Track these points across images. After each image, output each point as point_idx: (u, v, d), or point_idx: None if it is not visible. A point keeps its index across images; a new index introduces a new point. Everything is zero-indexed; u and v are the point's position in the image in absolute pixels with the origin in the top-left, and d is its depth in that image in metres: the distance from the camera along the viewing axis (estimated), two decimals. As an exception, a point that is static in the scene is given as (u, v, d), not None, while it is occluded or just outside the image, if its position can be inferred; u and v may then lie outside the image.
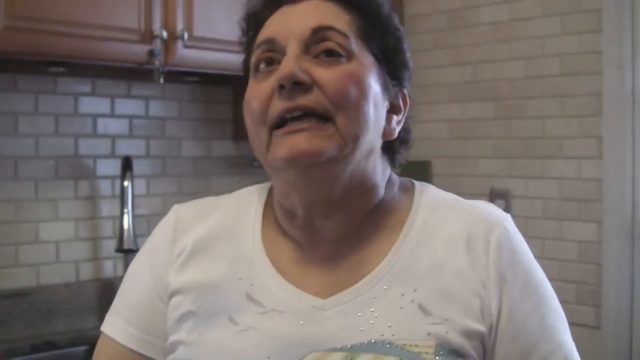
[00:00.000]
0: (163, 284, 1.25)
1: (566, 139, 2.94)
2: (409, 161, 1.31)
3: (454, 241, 1.18)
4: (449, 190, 1.28)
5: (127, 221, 2.69)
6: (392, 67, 1.22)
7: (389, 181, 1.25)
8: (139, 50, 2.44)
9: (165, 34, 2.45)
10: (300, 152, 1.10)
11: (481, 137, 3.20)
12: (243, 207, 1.29)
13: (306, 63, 1.13)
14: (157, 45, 2.45)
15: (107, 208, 2.81)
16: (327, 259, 1.20)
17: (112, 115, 2.83)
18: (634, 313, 2.78)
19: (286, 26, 1.17)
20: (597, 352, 2.81)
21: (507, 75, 3.10)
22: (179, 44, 2.51)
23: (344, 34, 1.16)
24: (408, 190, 1.27)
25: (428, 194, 1.26)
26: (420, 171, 3.28)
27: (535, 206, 3.04)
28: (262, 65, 1.17)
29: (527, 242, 2.84)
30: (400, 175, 1.30)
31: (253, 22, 1.25)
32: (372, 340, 1.11)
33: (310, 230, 1.20)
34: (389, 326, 1.11)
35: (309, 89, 1.12)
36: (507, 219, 1.23)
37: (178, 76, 2.73)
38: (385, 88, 1.20)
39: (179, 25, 2.50)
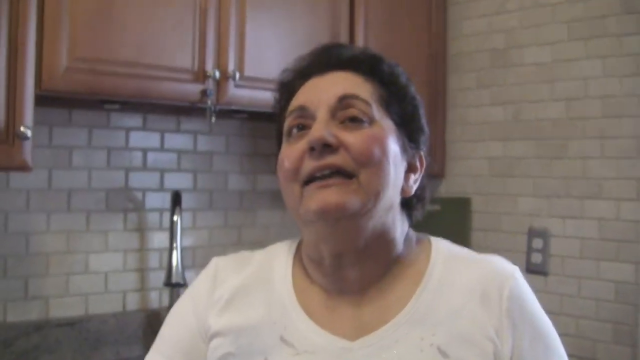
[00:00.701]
0: (204, 326, 1.34)
1: (605, 180, 2.96)
2: (449, 197, 1.42)
3: (469, 291, 1.28)
4: (488, 228, 1.38)
5: (175, 256, 2.75)
6: (410, 131, 1.35)
7: (407, 236, 1.36)
8: (193, 90, 2.51)
9: (217, 74, 2.52)
10: (329, 204, 1.21)
11: (521, 176, 3.23)
12: (275, 259, 1.40)
13: (334, 128, 1.26)
14: (210, 84, 2.52)
15: (155, 240, 2.88)
16: (352, 305, 1.29)
17: (161, 149, 2.91)
18: (669, 354, 2.79)
19: (316, 95, 1.30)
20: (633, 392, 2.83)
21: (549, 115, 3.13)
22: (231, 83, 2.58)
23: (366, 102, 1.29)
24: (424, 244, 1.38)
25: (443, 248, 1.37)
26: (460, 208, 3.33)
27: (573, 245, 3.05)
28: (294, 130, 1.30)
29: (565, 281, 2.89)
30: (441, 211, 1.39)
31: (286, 91, 1.38)
32: None
33: (336, 278, 1.30)
34: None
35: (336, 150, 1.23)
36: (516, 272, 1.33)
37: (228, 113, 2.80)
38: (403, 150, 1.32)
39: (231, 66, 2.57)
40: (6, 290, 2.55)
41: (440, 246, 1.37)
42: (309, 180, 1.24)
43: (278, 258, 1.40)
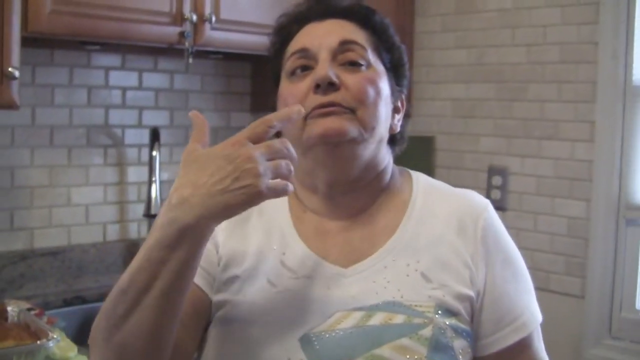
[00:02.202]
0: (215, 237, 1.42)
1: (562, 122, 3.09)
2: (414, 136, 1.56)
3: (447, 222, 1.43)
4: (451, 165, 1.52)
5: (154, 189, 2.88)
6: (397, 76, 1.48)
7: (392, 168, 1.50)
8: (171, 32, 2.59)
9: (194, 17, 2.61)
10: (332, 129, 1.34)
11: (483, 117, 3.35)
12: None
13: (335, 69, 1.38)
14: (187, 27, 2.61)
15: (134, 174, 2.99)
16: (343, 230, 1.43)
17: (139, 87, 3.01)
18: (615, 285, 2.97)
19: (317, 38, 1.42)
20: (581, 319, 3.02)
21: (510, 60, 3.24)
22: (207, 26, 2.66)
23: (363, 47, 1.42)
24: (406, 176, 1.52)
25: (423, 181, 1.51)
26: (424, 146, 3.47)
27: (530, 183, 3.20)
28: (298, 71, 1.41)
29: (522, 216, 3.03)
30: (407, 149, 1.54)
31: (283, 35, 1.49)
32: (386, 301, 1.34)
33: (329, 204, 1.44)
34: (398, 290, 1.35)
35: (338, 89, 1.36)
36: (489, 205, 1.47)
37: (204, 54, 2.89)
38: (392, 92, 1.45)
39: (208, 9, 2.66)
40: (-7, 222, 2.66)
41: (420, 179, 1.51)
42: (312, 112, 1.36)
43: None
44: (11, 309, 2.21)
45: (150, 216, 2.86)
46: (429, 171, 3.35)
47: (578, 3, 3.03)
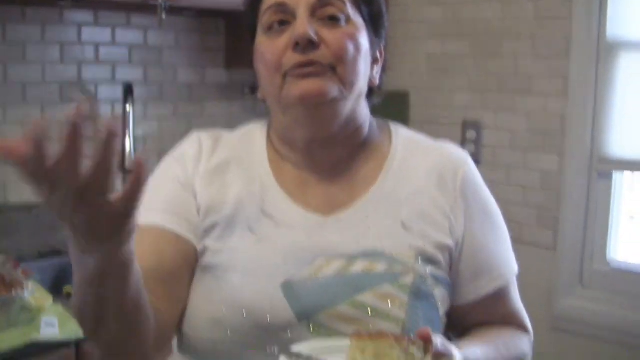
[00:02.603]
0: (194, 188, 1.42)
1: (535, 77, 3.11)
2: (389, 91, 1.55)
3: (427, 175, 1.44)
4: (425, 120, 1.53)
5: (128, 143, 2.85)
6: (376, 27, 1.45)
7: (370, 122, 1.49)
8: (143, -14, 2.58)
9: (166, -28, 2.60)
10: (311, 91, 1.33)
11: (457, 72, 3.36)
12: (249, 139, 1.51)
13: (314, 25, 1.34)
14: (159, -17, 2.59)
15: (108, 130, 2.97)
16: (324, 181, 1.43)
17: (113, 43, 2.99)
18: (586, 237, 3.02)
19: None
20: (553, 270, 3.07)
21: (485, 16, 3.25)
22: (181, -19, 2.64)
23: (342, 1, 1.37)
24: (385, 130, 1.52)
25: (402, 134, 1.52)
26: (399, 101, 3.48)
27: (503, 137, 3.23)
28: (275, 25, 1.37)
29: (495, 170, 3.04)
30: (382, 104, 1.54)
31: None
32: (367, 250, 1.35)
33: (308, 158, 1.43)
34: (379, 239, 1.37)
35: (318, 46, 1.33)
36: (469, 158, 1.49)
37: (177, 10, 2.87)
38: (371, 45, 1.42)
39: (181, -36, 2.64)
40: (-34, 181, 2.64)
41: (400, 132, 1.51)
42: (291, 71, 1.33)
43: (252, 138, 1.50)
44: (-15, 261, 2.21)
45: (124, 171, 2.85)
46: (404, 126, 3.37)
47: (552, -42, 3.02)
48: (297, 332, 1.29)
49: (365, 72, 1.40)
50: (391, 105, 3.57)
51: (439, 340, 1.15)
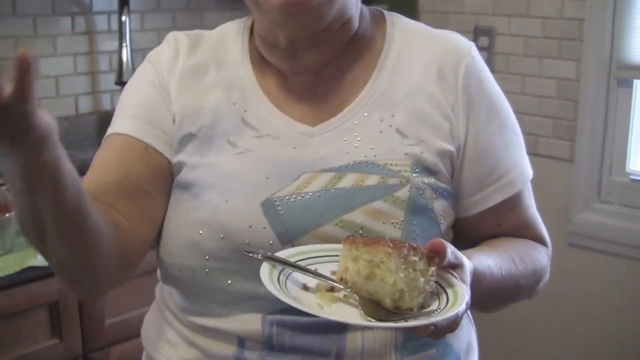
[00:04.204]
0: (169, 95, 1.30)
1: (551, -22, 2.97)
2: None
3: (426, 69, 1.29)
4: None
5: (125, 55, 2.76)
6: None
7: (361, 12, 1.33)
8: None
9: None
10: (292, 2, 1.18)
11: (468, -26, 3.22)
12: (229, 39, 1.36)
13: None
14: None
15: (104, 43, 2.86)
16: (310, 86, 1.30)
17: (108, -50, 2.84)
18: (605, 148, 2.93)
19: None
20: (570, 182, 2.99)
21: None
22: None
23: None
24: (379, 21, 1.36)
25: (399, 24, 1.35)
26: (406, 6, 3.32)
27: (517, 44, 3.11)
28: None
29: (509, 78, 2.96)
30: (389, 10, 1.39)
31: None
32: (358, 161, 1.23)
33: (292, 60, 1.29)
34: (371, 148, 1.24)
35: None
36: (473, 48, 1.33)
37: None
38: None
39: None
40: (-43, 97, 2.54)
41: (396, 22, 1.35)
42: None
43: (232, 38, 1.36)
44: (-23, 183, 2.12)
45: (122, 84, 2.74)
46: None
47: None
48: None
49: None
50: (397, 10, 3.44)
51: (449, 250, 1.04)
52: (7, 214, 2.00)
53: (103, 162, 1.27)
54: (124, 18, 2.75)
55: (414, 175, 1.22)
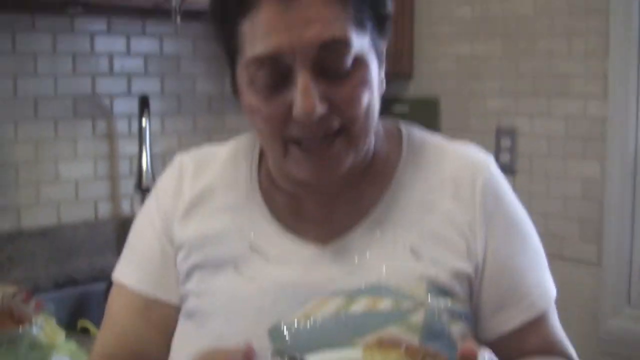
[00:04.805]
0: (171, 232, 1.29)
1: (572, 78, 2.95)
2: (417, 99, 1.37)
3: (441, 185, 1.25)
4: (457, 128, 1.34)
5: (145, 160, 2.73)
6: (381, 29, 1.21)
7: (376, 129, 1.27)
8: (157, -10, 2.45)
9: (182, -25, 2.45)
10: (322, 177, 1.17)
11: (489, 75, 3.21)
12: (239, 157, 1.33)
13: (320, 86, 1.10)
14: (174, -15, 2.45)
15: (125, 146, 2.85)
16: (324, 208, 1.25)
17: (127, 53, 2.85)
18: (634, 250, 2.85)
19: (287, 37, 1.09)
20: (598, 287, 2.90)
21: (516, 12, 3.10)
22: (196, -16, 2.50)
23: (347, 43, 1.12)
24: (396, 136, 1.32)
25: (415, 139, 1.31)
26: (429, 108, 3.32)
27: (540, 144, 3.07)
28: (264, 85, 1.13)
29: (533, 179, 2.93)
30: (410, 112, 1.34)
31: (234, 10, 1.14)
32: (369, 285, 1.18)
33: (307, 188, 1.25)
34: (384, 270, 1.19)
35: (326, 113, 1.11)
36: (491, 162, 1.29)
37: (194, 14, 2.73)
38: (380, 61, 1.21)
39: (196, -34, 2.50)
40: (-24, 202, 2.53)
41: (412, 136, 1.32)
42: (296, 142, 1.15)
43: (243, 156, 1.33)
44: (-7, 293, 2.08)
45: (142, 190, 2.72)
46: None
47: (587, -50, 2.87)
48: None
49: (377, 104, 1.20)
50: (420, 112, 3.47)
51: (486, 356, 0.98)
52: (20, 327, 1.94)
53: (114, 328, 1.32)
54: (144, 123, 2.74)
55: (429, 298, 1.17)
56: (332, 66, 1.12)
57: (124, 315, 1.31)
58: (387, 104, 3.63)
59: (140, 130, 2.74)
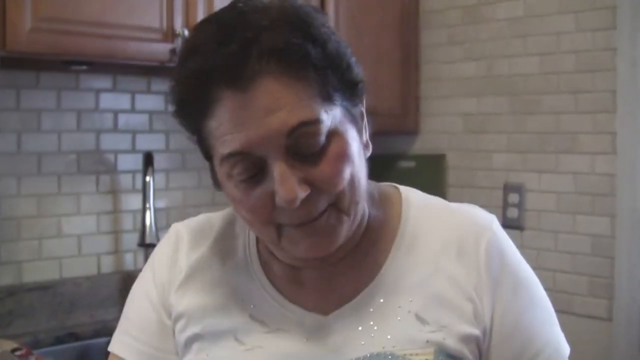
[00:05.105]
0: (168, 303, 1.26)
1: (580, 134, 2.94)
2: (424, 155, 1.34)
3: (444, 248, 1.21)
4: (464, 184, 1.31)
5: (149, 216, 2.72)
6: (353, 94, 1.16)
7: (368, 192, 1.23)
8: (161, 49, 2.47)
9: (186, 32, 2.46)
10: (319, 253, 1.13)
11: (496, 131, 3.21)
12: (237, 226, 1.30)
13: (298, 171, 1.07)
14: (179, 43, 2.46)
15: (128, 202, 2.85)
16: (322, 278, 1.21)
17: (132, 110, 2.87)
18: (645, 305, 2.80)
19: (253, 131, 1.06)
20: (609, 344, 2.84)
21: (522, 71, 3.10)
22: (200, 42, 2.52)
23: (317, 121, 1.07)
24: (393, 198, 1.28)
25: (414, 201, 1.27)
26: (435, 164, 3.30)
27: (549, 200, 3.04)
28: (242, 179, 1.09)
29: (541, 235, 2.88)
30: (416, 168, 1.31)
31: (193, 106, 1.11)
32: (375, 353, 1.14)
33: (304, 261, 1.21)
34: (389, 338, 1.15)
35: (310, 195, 1.08)
36: (494, 222, 1.24)
37: (198, 73, 2.76)
38: (358, 129, 1.17)
39: (200, 24, 2.52)
40: (-22, 256, 2.52)
41: (411, 198, 1.28)
42: (289, 226, 1.12)
43: (240, 226, 1.29)
44: (-8, 349, 2.05)
45: (145, 246, 2.70)
46: (441, 191, 3.21)
47: (593, 7, 2.89)
48: None
49: (364, 170, 1.16)
50: (426, 169, 3.46)
51: None
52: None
53: None
54: (147, 179, 2.74)
55: None
56: (306, 148, 1.08)
57: None
58: (393, 160, 3.69)
59: (145, 185, 2.74)
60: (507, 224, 3.04)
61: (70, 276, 2.70)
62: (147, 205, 2.74)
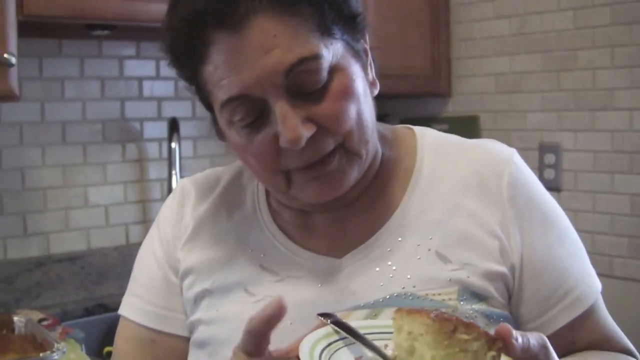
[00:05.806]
0: (174, 260, 1.24)
1: (617, 90, 2.86)
2: (456, 117, 1.30)
3: (464, 183, 1.17)
4: None
5: (175, 184, 2.68)
6: (354, 27, 1.13)
7: (381, 134, 1.22)
8: (184, 11, 2.41)
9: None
10: (329, 195, 1.10)
11: (529, 91, 3.13)
12: (243, 179, 1.28)
13: (300, 109, 1.04)
14: (202, 4, 2.42)
15: (155, 170, 2.82)
16: (337, 220, 1.18)
17: (157, 77, 2.83)
18: (687, 266, 2.73)
19: (251, 72, 1.03)
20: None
21: (555, 27, 3.02)
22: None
23: (315, 58, 1.05)
24: (407, 138, 1.25)
25: (430, 138, 1.24)
26: (469, 126, 3.24)
27: (586, 159, 2.97)
28: (244, 124, 1.07)
29: (579, 196, 2.81)
30: (449, 131, 1.27)
31: (189, 53, 1.10)
32: (394, 294, 1.10)
33: (316, 205, 1.17)
34: (409, 278, 1.11)
35: (316, 134, 1.05)
36: (514, 155, 1.21)
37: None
38: (362, 65, 1.13)
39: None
40: (5, 227, 2.50)
41: (426, 136, 1.24)
42: (297, 171, 1.09)
43: (247, 177, 1.28)
44: (17, 319, 2.02)
45: (173, 214, 2.66)
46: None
47: (628, -42, 2.79)
48: None
49: (371, 108, 1.13)
50: (459, 131, 3.36)
51: (515, 334, 0.85)
52: (40, 354, 1.87)
53: (117, 345, 1.30)
54: (173, 145, 2.70)
55: (462, 303, 1.09)
56: (307, 85, 1.05)
57: (130, 351, 1.27)
58: (426, 123, 3.58)
59: (170, 152, 2.70)
60: (544, 186, 2.96)
61: (98, 247, 2.68)
62: (174, 173, 2.69)
